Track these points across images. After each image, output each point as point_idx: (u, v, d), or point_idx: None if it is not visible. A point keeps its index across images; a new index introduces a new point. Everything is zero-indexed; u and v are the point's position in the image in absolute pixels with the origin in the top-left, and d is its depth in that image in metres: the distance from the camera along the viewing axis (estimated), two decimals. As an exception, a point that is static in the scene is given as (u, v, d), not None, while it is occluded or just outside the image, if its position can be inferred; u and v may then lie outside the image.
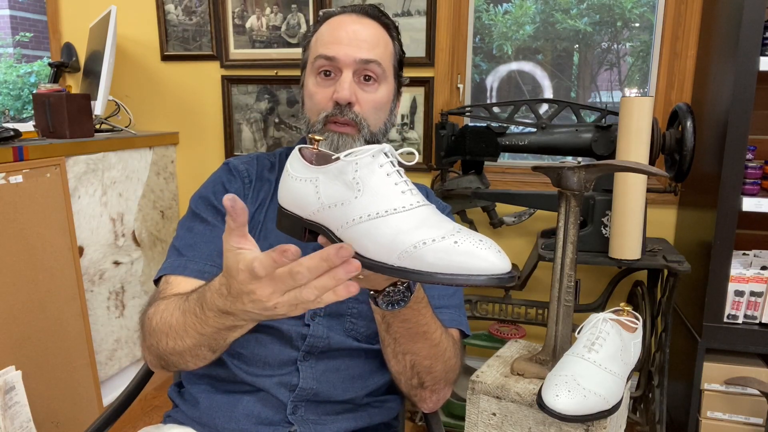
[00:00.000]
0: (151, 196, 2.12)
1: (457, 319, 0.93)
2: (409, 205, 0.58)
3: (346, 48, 0.87)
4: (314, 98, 0.89)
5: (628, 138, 1.39)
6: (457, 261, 0.53)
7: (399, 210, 0.58)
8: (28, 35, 9.25)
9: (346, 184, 0.60)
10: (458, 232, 0.55)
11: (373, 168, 0.60)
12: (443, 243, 0.54)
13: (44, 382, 1.59)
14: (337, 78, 0.88)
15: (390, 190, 0.59)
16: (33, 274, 1.56)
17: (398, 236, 0.56)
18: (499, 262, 0.53)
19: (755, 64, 1.38)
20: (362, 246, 0.58)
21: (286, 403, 0.86)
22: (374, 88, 0.90)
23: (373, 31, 0.90)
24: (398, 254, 0.56)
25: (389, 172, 0.60)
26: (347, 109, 0.87)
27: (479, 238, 0.55)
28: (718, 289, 1.50)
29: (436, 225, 0.56)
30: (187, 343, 0.74)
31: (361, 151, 0.60)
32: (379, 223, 0.57)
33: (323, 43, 0.89)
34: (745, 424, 1.55)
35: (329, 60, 0.87)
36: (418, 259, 0.55)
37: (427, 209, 0.59)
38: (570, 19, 2.06)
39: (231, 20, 2.16)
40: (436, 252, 0.54)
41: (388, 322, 0.76)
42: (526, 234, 1.99)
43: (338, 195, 0.60)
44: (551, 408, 0.78)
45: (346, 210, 0.60)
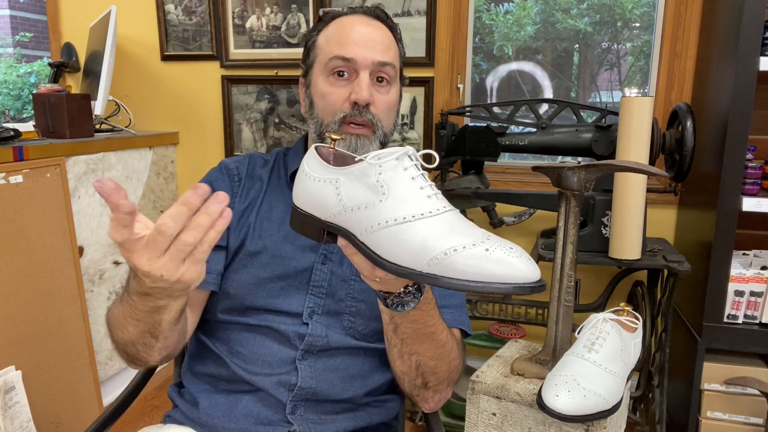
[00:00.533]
0: (151, 196, 2.12)
1: (459, 318, 0.93)
2: (436, 210, 0.57)
3: (363, 50, 0.87)
4: (328, 98, 0.89)
5: (628, 138, 1.39)
6: (489, 269, 0.53)
7: (426, 215, 0.57)
8: (28, 35, 9.25)
9: (369, 187, 0.59)
10: (488, 239, 0.55)
11: (397, 171, 0.59)
12: (474, 250, 0.54)
13: (44, 382, 1.59)
14: (352, 79, 0.88)
15: (416, 195, 0.58)
16: (33, 274, 1.56)
17: (427, 242, 0.55)
18: (530, 271, 0.53)
19: (755, 64, 1.38)
20: (389, 251, 0.58)
21: (285, 402, 0.86)
22: (387, 90, 0.91)
23: (384, 34, 0.91)
24: (428, 261, 0.55)
25: (414, 176, 0.59)
26: (365, 110, 0.88)
27: (510, 245, 0.55)
28: (718, 289, 1.50)
29: (464, 231, 0.56)
30: (131, 332, 0.75)
31: (385, 153, 0.59)
32: (406, 229, 0.57)
33: (338, 43, 0.89)
34: (745, 424, 1.55)
35: (346, 61, 0.87)
36: (448, 266, 0.54)
37: (453, 214, 0.58)
38: (570, 19, 2.06)
39: (231, 20, 2.16)
40: (467, 259, 0.54)
41: (396, 322, 0.76)
42: (526, 234, 1.99)
43: (361, 198, 0.59)
44: (551, 408, 0.78)
45: (371, 213, 0.59)
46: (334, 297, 0.89)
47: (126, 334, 0.76)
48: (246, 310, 0.89)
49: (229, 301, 0.90)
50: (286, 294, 0.89)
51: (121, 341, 0.78)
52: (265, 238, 0.90)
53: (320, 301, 0.89)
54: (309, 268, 0.90)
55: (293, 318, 0.88)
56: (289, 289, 0.89)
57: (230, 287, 0.90)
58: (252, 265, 0.89)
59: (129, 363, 0.84)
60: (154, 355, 0.80)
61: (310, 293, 0.89)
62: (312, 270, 0.90)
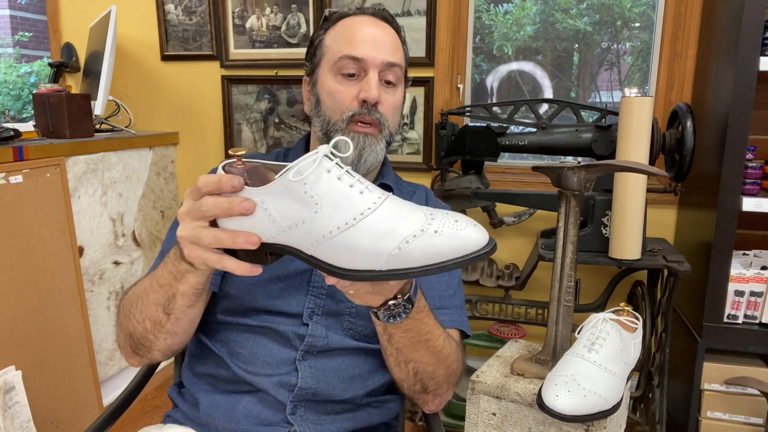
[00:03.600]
0: (151, 196, 2.12)
1: (458, 319, 0.93)
2: (373, 204, 0.56)
3: (372, 49, 0.88)
4: (336, 97, 0.89)
5: (628, 138, 1.39)
6: (443, 249, 0.54)
7: (366, 214, 0.56)
8: (27, 35, 9.25)
9: (299, 201, 0.56)
10: (433, 219, 0.55)
11: (320, 175, 0.56)
12: (425, 236, 0.54)
13: (44, 382, 1.59)
14: (361, 78, 0.89)
15: (348, 195, 0.56)
16: (33, 274, 1.56)
17: (378, 242, 0.55)
18: (479, 237, 0.54)
19: (755, 64, 1.38)
20: (342, 259, 0.56)
21: (285, 403, 0.86)
22: (394, 91, 0.92)
23: (392, 35, 0.92)
24: (384, 259, 0.55)
25: (339, 175, 0.57)
26: (374, 109, 0.88)
27: (455, 218, 0.55)
28: (718, 289, 1.50)
29: (408, 218, 0.56)
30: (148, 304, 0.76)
31: (301, 162, 0.56)
32: (352, 234, 0.55)
33: (347, 43, 0.89)
34: (745, 424, 1.55)
35: (355, 60, 0.88)
36: (405, 258, 0.55)
37: (390, 201, 0.57)
38: (570, 19, 2.06)
39: (231, 20, 2.16)
40: (421, 247, 0.54)
41: (390, 333, 0.76)
42: (526, 234, 1.99)
43: (295, 214, 0.57)
44: (551, 408, 0.78)
45: (311, 228, 0.56)
46: (334, 298, 0.89)
47: (142, 308, 0.77)
48: (246, 311, 0.89)
49: (229, 302, 0.90)
50: (286, 295, 0.89)
51: (131, 323, 0.79)
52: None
53: (320, 302, 0.89)
54: (309, 269, 0.90)
55: (293, 319, 0.88)
56: (289, 290, 0.89)
57: (230, 288, 0.90)
58: None
59: (131, 354, 0.84)
60: (159, 339, 0.80)
61: (310, 294, 0.89)
62: (312, 271, 0.90)
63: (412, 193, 1.03)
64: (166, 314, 0.77)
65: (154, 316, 0.78)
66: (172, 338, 0.81)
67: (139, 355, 0.84)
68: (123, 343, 0.84)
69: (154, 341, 0.81)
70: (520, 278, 1.78)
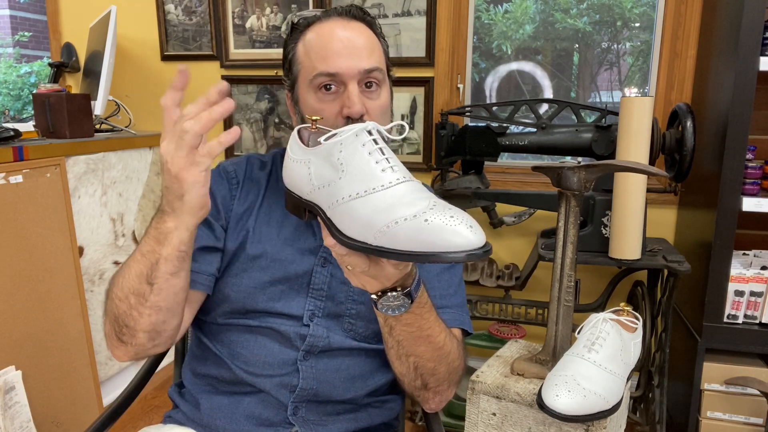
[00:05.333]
0: (151, 196, 2.12)
1: (460, 318, 0.93)
2: (388, 183, 0.59)
3: (346, 60, 0.83)
4: (318, 114, 0.85)
5: (628, 138, 1.39)
6: (429, 239, 0.54)
7: (378, 189, 0.59)
8: (27, 35, 9.25)
9: (332, 165, 0.62)
10: (431, 208, 0.56)
11: (355, 147, 0.61)
12: (414, 222, 0.55)
13: (44, 382, 1.59)
14: (340, 91, 0.85)
15: (370, 169, 0.60)
16: (33, 274, 1.56)
17: (374, 216, 0.57)
18: (472, 237, 0.54)
19: (755, 64, 1.38)
20: (346, 225, 0.60)
21: (286, 404, 0.86)
22: (377, 94, 0.87)
23: (365, 36, 0.87)
24: (374, 234, 0.57)
25: (371, 150, 0.61)
26: (359, 120, 0.84)
27: (451, 213, 0.55)
28: (718, 289, 1.50)
29: (411, 203, 0.57)
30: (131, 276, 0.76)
31: (345, 131, 0.62)
32: (359, 203, 0.59)
33: (319, 57, 0.84)
34: (745, 424, 1.55)
35: (331, 76, 0.84)
36: (392, 238, 0.56)
37: (406, 186, 0.59)
38: (570, 19, 2.06)
39: (231, 20, 2.16)
40: (408, 231, 0.55)
41: (390, 325, 0.76)
42: (526, 234, 1.99)
43: (326, 176, 0.63)
44: (551, 408, 0.78)
45: (332, 190, 0.62)
46: (335, 300, 0.89)
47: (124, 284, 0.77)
48: (247, 313, 0.89)
49: (229, 304, 0.90)
50: (286, 297, 0.89)
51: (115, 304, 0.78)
52: (264, 242, 0.90)
53: (321, 304, 0.89)
54: (309, 271, 0.89)
55: (294, 320, 0.88)
56: (289, 293, 0.89)
57: (231, 291, 0.89)
58: (252, 269, 0.89)
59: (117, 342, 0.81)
60: (143, 316, 0.77)
61: (311, 296, 0.89)
62: (312, 273, 0.89)
63: None
64: (149, 284, 0.75)
65: (137, 289, 0.76)
66: (156, 314, 0.78)
67: (124, 342, 0.80)
68: (109, 331, 0.82)
69: (138, 319, 0.77)
70: (520, 278, 1.78)
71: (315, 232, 0.92)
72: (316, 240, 0.91)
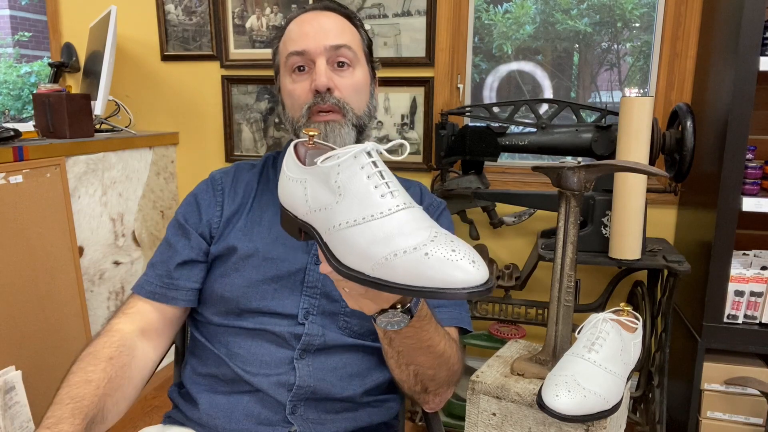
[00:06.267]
0: (151, 196, 2.12)
1: (458, 316, 0.93)
2: (388, 210, 0.56)
3: (313, 39, 0.88)
4: (294, 94, 0.91)
5: (628, 138, 1.39)
6: (429, 274, 0.51)
7: (376, 216, 0.55)
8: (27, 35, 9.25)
9: (330, 188, 0.58)
10: (432, 240, 0.53)
11: (354, 170, 0.57)
12: (414, 255, 0.52)
13: (44, 382, 1.59)
14: (312, 70, 0.89)
15: (369, 194, 0.57)
16: (33, 274, 1.56)
17: (371, 246, 0.54)
18: (474, 273, 0.51)
19: (755, 64, 1.38)
20: (342, 253, 0.57)
21: (284, 403, 0.86)
22: (350, 72, 0.91)
23: (336, 21, 0.92)
24: (372, 265, 0.54)
25: (370, 174, 0.57)
26: (328, 95, 0.88)
27: (452, 247, 0.53)
28: (718, 289, 1.50)
29: (411, 233, 0.54)
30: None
31: (343, 152, 0.58)
32: (357, 231, 0.56)
33: (291, 40, 0.91)
34: (745, 424, 1.55)
35: (300, 54, 0.89)
36: (389, 271, 0.53)
37: (406, 213, 0.56)
38: (570, 20, 2.06)
39: (231, 20, 2.16)
40: (407, 264, 0.52)
41: (390, 337, 0.75)
42: (526, 234, 1.99)
43: (323, 199, 0.59)
44: (551, 408, 0.78)
45: (329, 215, 0.58)
46: (330, 297, 0.89)
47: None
48: (241, 313, 0.90)
49: (223, 305, 0.90)
50: (280, 296, 0.89)
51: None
52: (256, 240, 0.91)
53: (315, 302, 0.89)
54: (302, 269, 0.90)
55: (288, 319, 0.88)
56: (282, 291, 0.89)
57: (224, 291, 0.90)
58: (244, 268, 0.90)
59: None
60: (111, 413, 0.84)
61: (305, 294, 0.89)
62: (305, 271, 0.90)
63: (406, 188, 1.02)
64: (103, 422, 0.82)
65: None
66: (125, 404, 0.85)
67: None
68: None
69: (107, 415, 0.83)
70: (520, 278, 1.78)
71: None
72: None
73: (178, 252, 0.92)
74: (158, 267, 0.93)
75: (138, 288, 0.92)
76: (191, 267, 0.92)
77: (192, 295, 0.92)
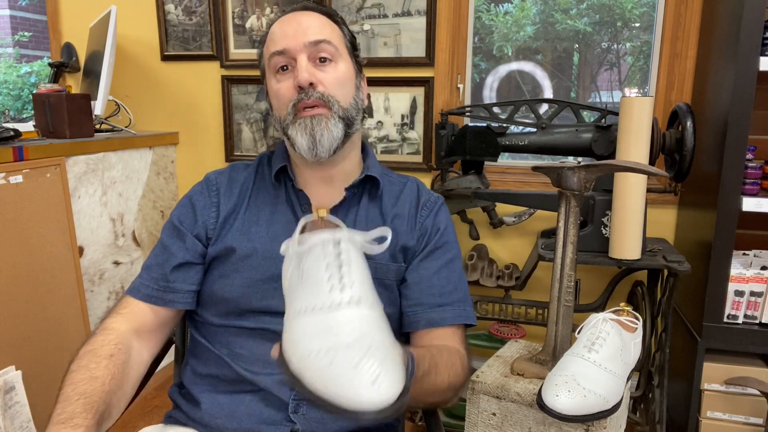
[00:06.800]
0: (151, 196, 2.12)
1: (461, 313, 0.93)
2: (328, 305, 0.54)
3: (293, 37, 0.89)
4: (279, 94, 0.91)
5: (628, 138, 1.39)
6: (325, 385, 0.49)
7: (316, 309, 0.54)
8: (27, 35, 9.24)
9: (299, 271, 0.58)
10: (348, 347, 0.50)
11: (317, 257, 0.57)
12: (322, 359, 0.50)
13: (44, 382, 1.59)
14: (294, 68, 0.90)
15: (319, 285, 0.55)
16: (33, 274, 1.56)
17: (299, 341, 0.53)
18: (368, 395, 0.48)
19: (755, 64, 1.38)
20: (285, 336, 0.56)
21: (287, 401, 0.86)
22: (332, 67, 0.91)
23: (316, 19, 0.93)
24: (294, 360, 0.52)
25: (329, 264, 0.56)
26: (311, 90, 0.88)
27: (359, 359, 0.49)
28: (718, 289, 1.50)
29: (336, 333, 0.51)
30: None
31: (313, 238, 0.57)
32: (298, 318, 0.55)
33: (273, 42, 0.92)
34: (745, 424, 1.55)
35: (281, 54, 0.90)
36: (301, 371, 0.51)
37: (346, 314, 0.53)
38: (570, 20, 2.06)
39: (231, 20, 2.16)
40: (313, 370, 0.50)
41: None
42: (526, 234, 1.99)
43: (293, 280, 0.59)
44: (551, 408, 0.78)
45: (290, 298, 0.58)
46: None
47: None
48: (242, 314, 0.90)
49: (224, 305, 0.90)
50: (280, 295, 0.89)
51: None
52: (254, 240, 0.91)
53: None
54: None
55: None
56: (282, 290, 0.89)
57: (224, 292, 0.90)
58: (243, 268, 0.90)
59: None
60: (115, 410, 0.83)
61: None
62: None
63: (402, 184, 1.02)
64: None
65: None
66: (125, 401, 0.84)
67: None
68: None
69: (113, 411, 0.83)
70: (520, 278, 1.78)
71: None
72: None
73: (173, 254, 0.92)
74: (153, 269, 0.93)
75: (133, 291, 0.92)
76: (187, 269, 0.92)
77: (189, 298, 0.92)
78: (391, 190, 0.99)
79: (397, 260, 0.93)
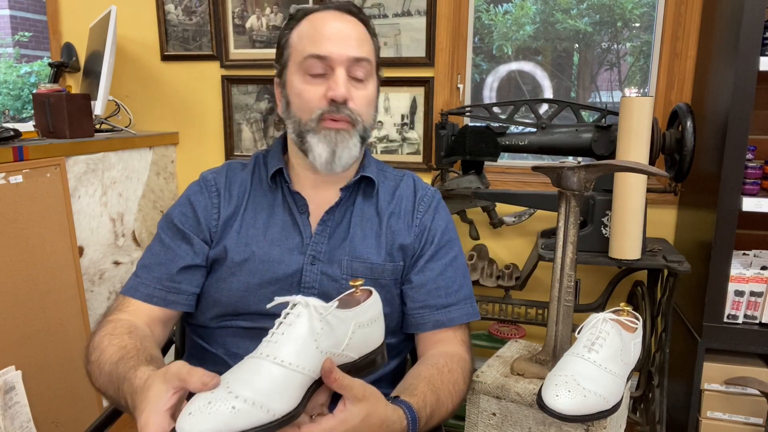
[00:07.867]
0: (151, 196, 2.12)
1: (468, 311, 0.94)
2: (258, 354, 0.64)
3: (337, 46, 0.86)
4: (304, 96, 0.88)
5: (628, 138, 1.39)
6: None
7: (274, 362, 0.62)
8: (26, 35, 9.24)
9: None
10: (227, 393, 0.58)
11: (307, 318, 0.66)
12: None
13: (44, 382, 1.59)
14: (328, 76, 0.87)
15: (300, 343, 0.64)
16: (33, 274, 1.56)
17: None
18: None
19: (755, 64, 1.38)
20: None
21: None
22: (364, 86, 0.90)
23: (358, 29, 0.90)
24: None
25: (280, 321, 0.66)
26: (343, 106, 0.87)
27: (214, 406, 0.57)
28: (718, 289, 1.50)
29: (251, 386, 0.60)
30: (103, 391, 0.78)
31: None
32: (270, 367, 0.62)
33: (311, 41, 0.88)
34: (745, 424, 1.55)
35: (321, 59, 0.86)
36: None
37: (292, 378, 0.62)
38: (570, 19, 2.06)
39: (231, 20, 2.16)
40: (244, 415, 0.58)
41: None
42: (526, 234, 1.99)
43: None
44: (551, 408, 0.78)
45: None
46: (327, 297, 0.89)
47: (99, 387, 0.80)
48: (239, 315, 0.89)
49: (220, 308, 0.90)
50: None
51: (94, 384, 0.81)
52: (252, 244, 0.90)
53: None
54: (299, 270, 0.89)
55: None
56: (280, 293, 0.89)
57: (220, 295, 0.90)
58: (241, 272, 0.89)
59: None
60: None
61: (302, 295, 0.89)
62: (302, 271, 0.89)
63: (398, 179, 1.01)
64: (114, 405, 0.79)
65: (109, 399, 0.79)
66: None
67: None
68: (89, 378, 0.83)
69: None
70: (520, 278, 1.78)
71: (302, 230, 0.92)
72: (304, 238, 0.91)
73: (180, 256, 0.90)
74: (155, 270, 0.90)
75: (131, 291, 0.90)
76: (194, 272, 0.91)
77: (192, 300, 0.91)
78: (386, 187, 0.99)
79: (394, 259, 0.93)
